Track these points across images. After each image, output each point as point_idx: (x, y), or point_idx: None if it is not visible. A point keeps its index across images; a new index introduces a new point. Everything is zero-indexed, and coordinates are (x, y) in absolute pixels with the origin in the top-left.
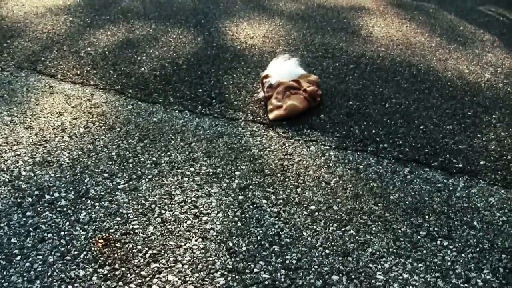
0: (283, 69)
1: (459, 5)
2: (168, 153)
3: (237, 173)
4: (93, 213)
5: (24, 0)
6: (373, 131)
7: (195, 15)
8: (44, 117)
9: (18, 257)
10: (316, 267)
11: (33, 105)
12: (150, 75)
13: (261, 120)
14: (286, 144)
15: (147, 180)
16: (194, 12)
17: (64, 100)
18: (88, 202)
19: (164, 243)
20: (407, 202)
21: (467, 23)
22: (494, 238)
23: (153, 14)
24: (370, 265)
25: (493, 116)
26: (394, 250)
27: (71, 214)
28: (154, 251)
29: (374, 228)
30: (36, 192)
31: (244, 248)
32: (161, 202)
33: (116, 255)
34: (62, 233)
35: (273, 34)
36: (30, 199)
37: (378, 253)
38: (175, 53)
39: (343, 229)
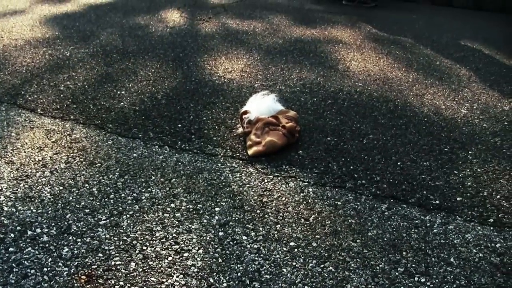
0: (262, 105)
1: (435, 39)
2: (149, 189)
3: (217, 209)
4: (75, 249)
5: (2, 33)
6: (351, 167)
7: (173, 49)
8: (25, 152)
9: None
10: None
11: (13, 139)
12: (130, 110)
13: (240, 156)
14: (265, 180)
15: (128, 216)
16: (172, 46)
17: (44, 134)
18: (70, 238)
19: (146, 279)
20: (385, 239)
21: (444, 58)
22: (470, 275)
23: (132, 47)
24: None
25: (470, 152)
26: (373, 287)
27: (54, 250)
28: (136, 287)
29: (352, 265)
30: (18, 228)
31: (225, 285)
32: (142, 238)
33: None
34: (45, 269)
35: (251, 69)
36: (12, 235)
37: None
38: (154, 88)
39: (322, 266)
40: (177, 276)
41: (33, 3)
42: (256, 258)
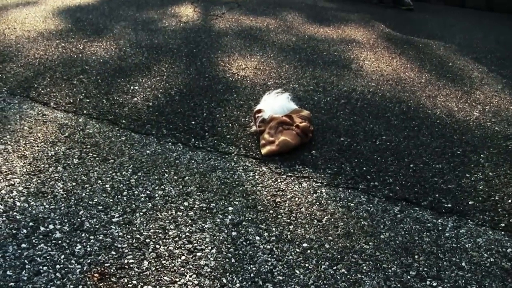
0: (276, 104)
1: (448, 40)
2: (162, 186)
3: (230, 208)
4: (88, 246)
5: (15, 24)
6: (364, 168)
7: (187, 44)
8: (38, 146)
9: None
10: None
11: (26, 133)
12: (143, 105)
13: (254, 155)
14: (279, 180)
15: (141, 213)
16: (186, 41)
17: (57, 129)
18: (83, 235)
19: (159, 278)
20: (397, 242)
21: (456, 59)
22: (482, 280)
23: (145, 42)
24: None
25: (481, 155)
26: None
27: (66, 247)
28: (149, 287)
29: (365, 267)
30: (31, 224)
31: (237, 285)
32: (155, 236)
33: None
34: (58, 266)
35: (265, 66)
36: (25, 231)
37: None
38: (167, 83)
39: (334, 268)
40: (190, 276)
41: None
42: (269, 259)
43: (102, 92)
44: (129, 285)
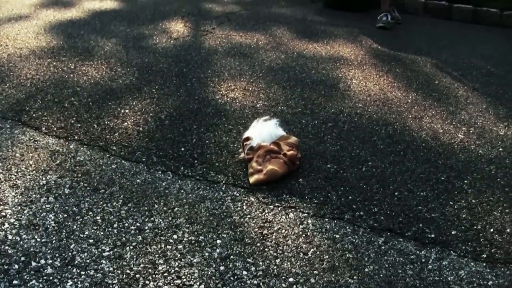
0: (264, 130)
1: (435, 55)
2: (152, 218)
3: (218, 241)
4: (79, 282)
5: (7, 40)
6: (350, 197)
7: (177, 63)
8: (29, 175)
9: None
10: None
11: (18, 161)
12: (134, 130)
13: (242, 183)
14: (266, 211)
15: (131, 247)
16: (176, 59)
17: (49, 156)
18: (74, 270)
19: None
20: (381, 275)
21: (442, 76)
22: None
23: (136, 60)
24: None
25: (465, 181)
26: None
27: (58, 283)
28: None
29: None
30: (22, 258)
31: None
32: (145, 272)
33: None
34: None
35: (254, 87)
36: (16, 266)
37: None
38: (157, 106)
39: None
40: None
41: (38, 7)
42: None
43: (93, 116)
44: None
